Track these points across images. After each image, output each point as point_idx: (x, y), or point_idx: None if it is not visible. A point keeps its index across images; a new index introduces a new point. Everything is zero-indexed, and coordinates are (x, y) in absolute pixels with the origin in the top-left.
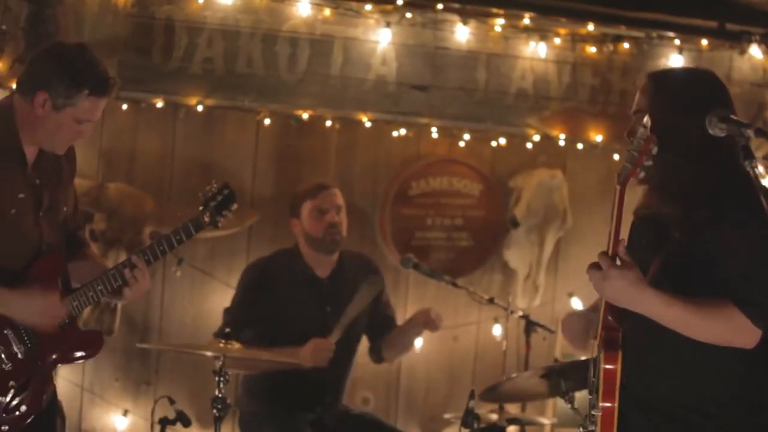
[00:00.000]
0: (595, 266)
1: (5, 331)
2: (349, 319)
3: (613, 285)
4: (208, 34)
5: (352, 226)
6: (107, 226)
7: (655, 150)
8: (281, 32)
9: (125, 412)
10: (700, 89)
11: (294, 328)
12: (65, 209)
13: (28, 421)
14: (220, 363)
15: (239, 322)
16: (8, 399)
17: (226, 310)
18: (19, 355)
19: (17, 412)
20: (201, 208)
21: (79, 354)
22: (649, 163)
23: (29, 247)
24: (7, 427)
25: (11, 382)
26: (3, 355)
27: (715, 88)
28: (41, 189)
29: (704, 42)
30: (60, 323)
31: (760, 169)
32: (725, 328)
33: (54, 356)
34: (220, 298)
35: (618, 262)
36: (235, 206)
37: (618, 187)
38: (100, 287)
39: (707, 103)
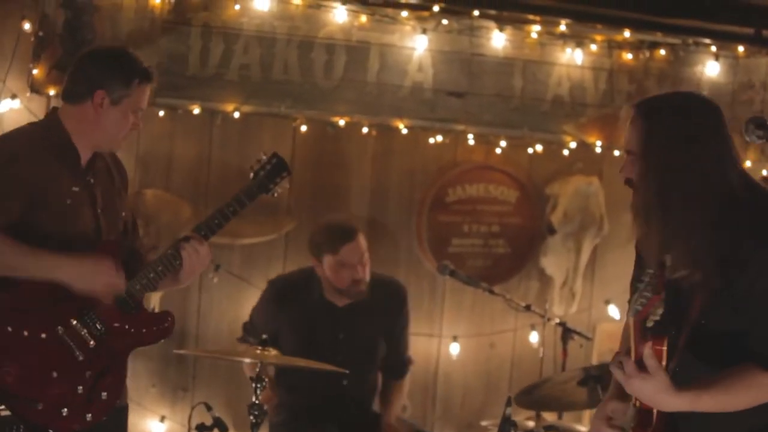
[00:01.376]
0: (618, 365)
1: (72, 322)
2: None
3: (637, 389)
4: (244, 41)
5: (388, 234)
6: (144, 233)
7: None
8: (317, 39)
9: (162, 419)
10: (695, 119)
11: (304, 348)
12: (123, 214)
13: (112, 407)
14: (258, 369)
15: (255, 337)
16: (88, 388)
17: (244, 326)
18: (91, 343)
19: (101, 399)
20: (252, 176)
21: (151, 336)
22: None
23: (89, 240)
24: (90, 415)
25: (88, 372)
26: (74, 346)
27: (708, 115)
28: (94, 188)
29: (740, 49)
30: (117, 294)
31: None
32: (759, 396)
33: (126, 341)
34: None
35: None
36: (286, 173)
37: (632, 319)
38: (160, 267)
39: (704, 133)
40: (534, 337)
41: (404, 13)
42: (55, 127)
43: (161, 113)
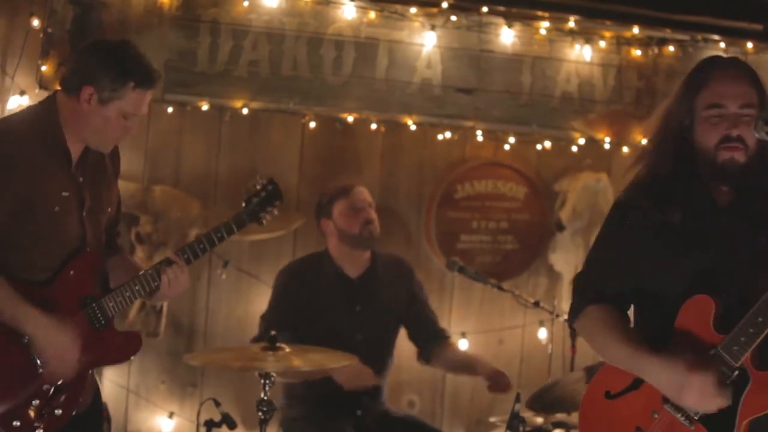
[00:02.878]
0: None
1: None
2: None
3: None
4: (253, 37)
5: (396, 229)
6: (153, 229)
7: None
8: (326, 35)
9: (171, 415)
10: None
11: (325, 328)
12: (109, 209)
13: (66, 422)
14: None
15: (275, 327)
16: (44, 402)
17: (263, 317)
18: (40, 369)
19: (54, 415)
20: (244, 204)
21: (115, 355)
22: None
23: (72, 246)
24: (42, 431)
25: (46, 386)
26: (37, 358)
27: None
28: (83, 188)
29: (749, 45)
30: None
31: None
32: None
33: (89, 358)
34: (266, 300)
35: None
36: (279, 203)
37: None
38: (137, 287)
39: None
40: (543, 334)
41: (413, 10)
42: (50, 117)
43: (170, 109)
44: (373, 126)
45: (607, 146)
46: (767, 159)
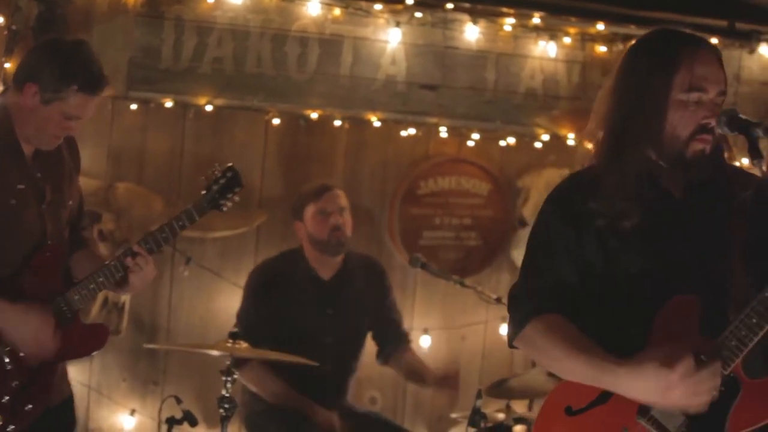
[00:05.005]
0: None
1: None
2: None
3: None
4: (217, 34)
5: (360, 225)
6: (116, 226)
7: None
8: (291, 32)
9: (132, 412)
10: None
11: (296, 329)
12: (70, 203)
13: (35, 418)
14: (228, 363)
15: (252, 325)
16: (13, 398)
17: (239, 315)
18: (21, 353)
19: (23, 411)
20: (204, 192)
21: (83, 348)
22: None
23: (32, 240)
24: (13, 426)
25: (15, 382)
26: (4, 355)
27: None
28: (43, 183)
29: (714, 41)
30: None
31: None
32: None
33: (57, 352)
34: (229, 297)
35: None
36: (239, 189)
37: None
38: (101, 279)
39: None
40: (505, 330)
41: (378, 6)
42: (2, 111)
43: (134, 106)
44: (337, 123)
45: (570, 142)
46: (722, 149)
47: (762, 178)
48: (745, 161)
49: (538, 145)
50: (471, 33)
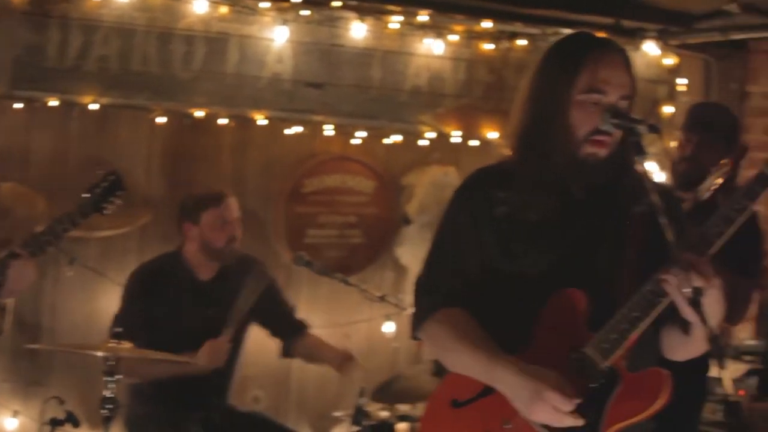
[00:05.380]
0: None
1: None
2: (240, 314)
3: None
4: (103, 32)
5: (244, 224)
6: None
7: None
8: (177, 30)
9: (15, 413)
10: None
11: (178, 331)
12: None
13: None
14: (111, 363)
15: (129, 328)
16: None
17: (116, 318)
18: None
19: None
20: (86, 195)
21: None
22: None
23: None
24: None
25: None
26: None
27: None
28: None
29: None
30: None
31: (651, 165)
32: None
33: None
34: (112, 297)
35: None
36: (120, 192)
37: None
38: None
39: None
40: (388, 327)
41: (264, 4)
42: None
43: (18, 105)
44: (223, 121)
45: (455, 140)
46: (627, 151)
47: (662, 185)
48: None
49: (423, 142)
50: (357, 31)
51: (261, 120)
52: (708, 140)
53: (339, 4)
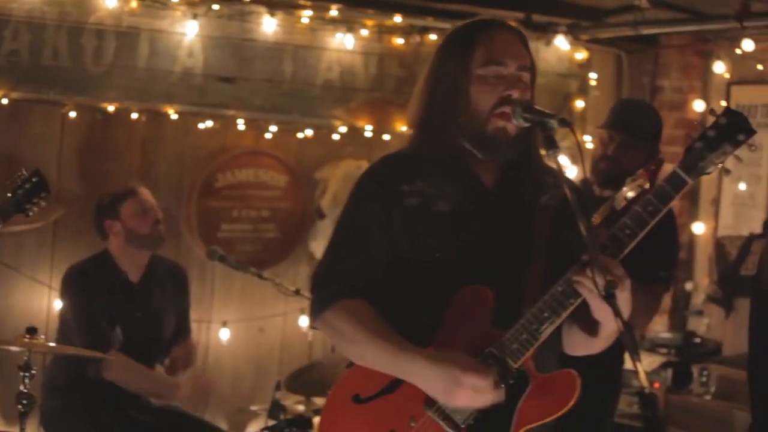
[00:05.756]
0: None
1: None
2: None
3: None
4: (13, 27)
5: None
6: None
7: None
8: (87, 24)
9: None
10: None
11: (110, 333)
12: None
13: None
14: (26, 358)
15: (70, 327)
16: None
17: (60, 317)
18: None
19: None
20: (9, 195)
21: None
22: None
23: None
24: None
25: None
26: None
27: None
28: None
29: None
30: None
31: (563, 159)
32: None
33: None
34: (26, 292)
35: None
36: (45, 194)
37: None
38: None
39: None
40: (303, 321)
41: None
42: None
43: None
44: (134, 115)
45: (368, 134)
46: (532, 139)
47: (573, 181)
48: None
49: (335, 137)
50: (268, 25)
51: (173, 114)
52: (632, 143)
53: None
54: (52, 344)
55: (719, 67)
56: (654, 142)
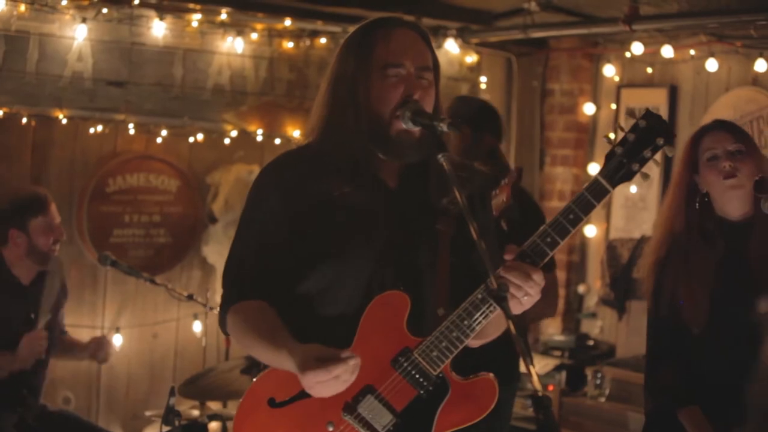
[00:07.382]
0: None
1: None
2: (48, 308)
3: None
4: None
5: None
6: None
7: None
8: None
9: None
10: None
11: (6, 334)
12: None
13: None
14: None
15: None
16: None
17: None
18: None
19: None
20: None
21: None
22: None
23: None
24: None
25: None
26: None
27: None
28: None
29: None
30: None
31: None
32: None
33: None
34: None
35: None
36: None
37: None
38: None
39: None
40: (197, 327)
41: (64, 2)
42: None
43: None
44: (24, 120)
45: (259, 138)
46: (435, 140)
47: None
48: None
49: (226, 141)
50: (158, 29)
51: (63, 119)
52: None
53: (138, 1)
54: None
55: (609, 70)
56: (476, 126)
